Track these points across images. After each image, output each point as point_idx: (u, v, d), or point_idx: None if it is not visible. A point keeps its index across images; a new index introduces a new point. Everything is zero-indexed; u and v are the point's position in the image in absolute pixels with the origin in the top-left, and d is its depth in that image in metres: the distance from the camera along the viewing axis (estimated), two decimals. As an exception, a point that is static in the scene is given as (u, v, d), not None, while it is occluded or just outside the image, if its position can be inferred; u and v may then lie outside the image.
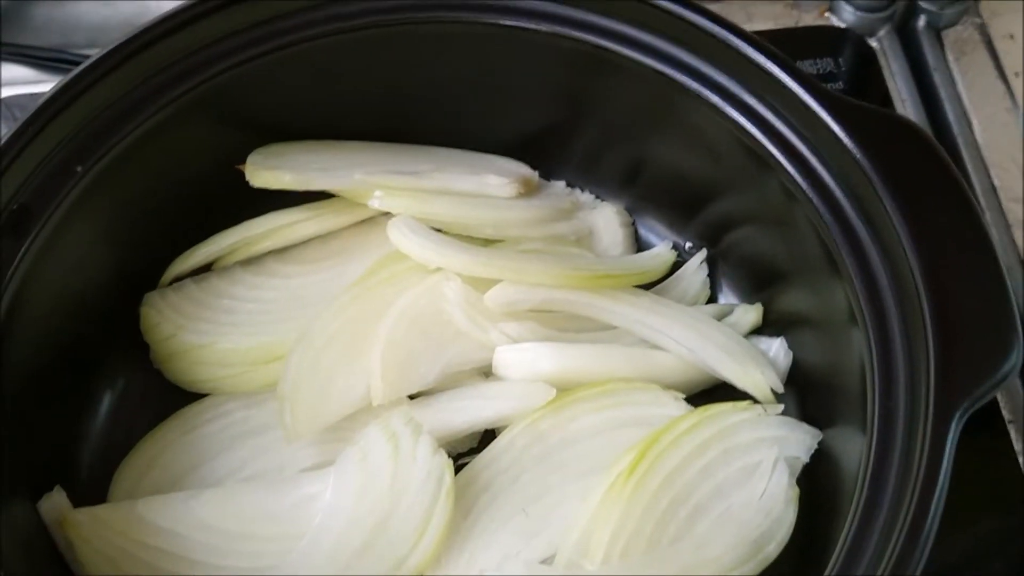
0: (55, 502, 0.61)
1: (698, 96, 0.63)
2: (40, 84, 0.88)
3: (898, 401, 0.53)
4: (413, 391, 0.65)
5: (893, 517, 0.49)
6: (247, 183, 0.68)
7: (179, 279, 0.70)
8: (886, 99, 0.86)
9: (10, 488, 0.57)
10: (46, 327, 0.63)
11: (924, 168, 0.57)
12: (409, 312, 0.66)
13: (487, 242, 0.70)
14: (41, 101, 0.61)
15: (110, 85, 0.63)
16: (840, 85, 0.86)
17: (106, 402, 0.69)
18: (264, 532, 0.61)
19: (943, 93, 0.90)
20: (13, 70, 0.91)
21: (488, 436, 0.66)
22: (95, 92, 0.62)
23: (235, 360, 0.67)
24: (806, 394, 0.66)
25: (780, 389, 0.66)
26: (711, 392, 0.67)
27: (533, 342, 0.66)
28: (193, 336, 0.68)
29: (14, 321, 0.58)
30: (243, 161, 0.68)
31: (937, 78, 0.90)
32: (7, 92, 0.86)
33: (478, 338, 0.66)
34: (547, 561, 0.60)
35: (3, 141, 0.59)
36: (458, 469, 0.62)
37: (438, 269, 0.66)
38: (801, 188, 0.60)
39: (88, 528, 0.60)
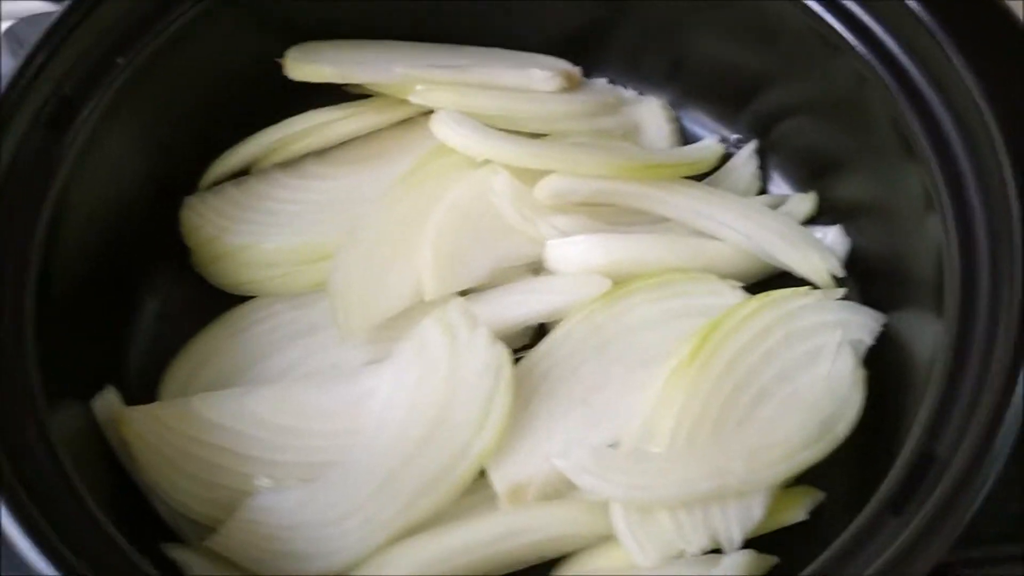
0: (108, 401, 0.59)
1: (756, -27, 0.61)
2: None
3: (980, 282, 0.51)
4: (464, 287, 0.64)
5: (978, 389, 0.48)
6: (286, 83, 0.67)
7: (218, 184, 0.69)
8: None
9: (62, 389, 0.56)
10: (90, 230, 0.61)
11: (1004, 40, 0.55)
12: (458, 206, 0.65)
13: (532, 136, 0.69)
14: (76, -7, 0.59)
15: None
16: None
17: (151, 307, 0.68)
18: (322, 427, 0.60)
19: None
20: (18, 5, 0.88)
21: (540, 335, 0.65)
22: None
23: (279, 260, 0.66)
24: (867, 280, 0.65)
25: (840, 273, 0.65)
26: (768, 282, 0.66)
27: (585, 234, 0.65)
28: (236, 237, 0.66)
29: (61, 223, 0.57)
30: (282, 58, 0.67)
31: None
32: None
33: (528, 232, 0.65)
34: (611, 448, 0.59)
35: (42, 33, 0.57)
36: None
37: (485, 162, 0.65)
38: (873, 69, 0.58)
39: (142, 425, 0.59)
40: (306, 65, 0.66)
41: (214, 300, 0.67)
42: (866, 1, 0.58)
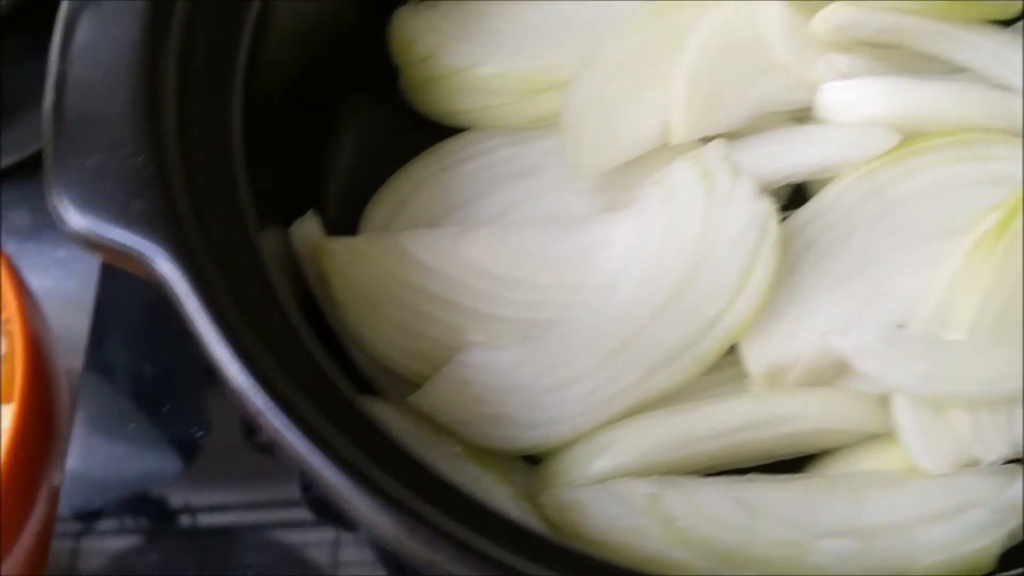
0: (308, 229, 0.52)
1: None
2: None
3: None
4: (716, 131, 0.54)
5: None
6: None
7: (433, -4, 0.60)
8: None
9: (266, 213, 0.49)
10: (292, 48, 0.54)
11: None
12: (719, 36, 0.54)
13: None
14: None
15: None
16: None
17: (352, 137, 0.60)
18: (545, 280, 0.52)
19: None
20: None
21: (796, 198, 0.55)
22: None
23: (501, 87, 0.57)
24: None
25: None
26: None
27: (869, 77, 0.54)
28: (452, 58, 0.57)
29: (262, 41, 0.49)
30: None
31: None
32: None
33: (799, 72, 0.55)
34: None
35: None
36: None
37: (755, -16, 0.55)
38: None
39: (344, 259, 0.51)
40: None
41: (420, 132, 0.58)
42: None
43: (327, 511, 0.57)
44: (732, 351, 0.50)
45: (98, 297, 0.60)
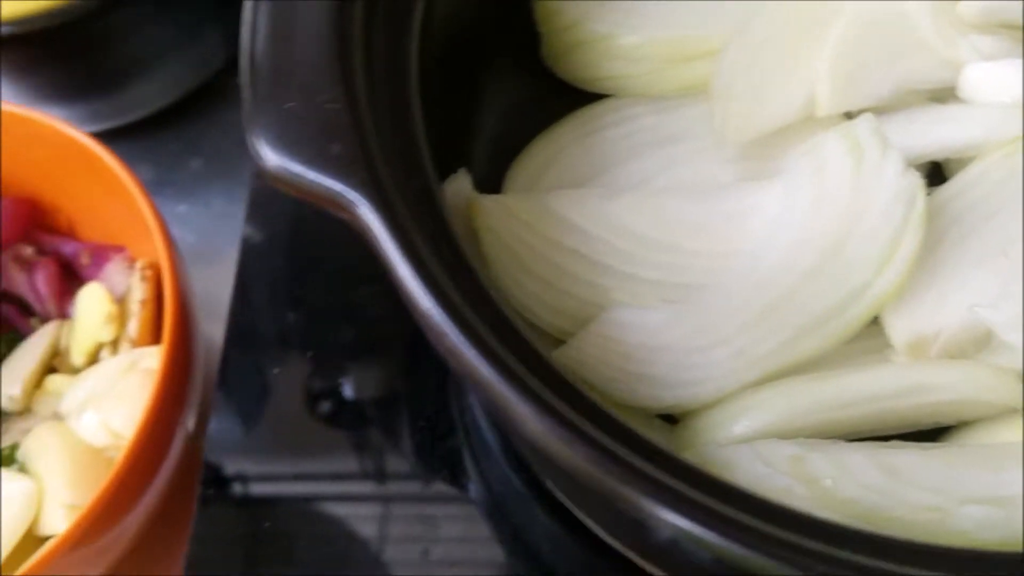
0: (460, 186, 0.54)
1: None
2: None
3: None
4: (862, 106, 0.55)
5: None
6: None
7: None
8: None
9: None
10: (455, 7, 0.55)
11: None
12: (866, 11, 0.55)
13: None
14: None
15: None
16: None
17: (497, 100, 0.61)
18: (691, 244, 0.53)
19: None
20: None
21: (933, 177, 0.56)
22: None
23: (646, 55, 0.58)
24: None
25: None
26: None
27: (1012, 60, 0.55)
28: (599, 25, 0.58)
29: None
30: None
31: None
32: None
33: (942, 52, 0.55)
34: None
35: None
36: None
37: (905, -36, 0.56)
38: None
39: (495, 217, 0.53)
40: None
41: (562, 98, 0.59)
42: None
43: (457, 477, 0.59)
44: (875, 322, 0.51)
45: (243, 246, 0.61)
